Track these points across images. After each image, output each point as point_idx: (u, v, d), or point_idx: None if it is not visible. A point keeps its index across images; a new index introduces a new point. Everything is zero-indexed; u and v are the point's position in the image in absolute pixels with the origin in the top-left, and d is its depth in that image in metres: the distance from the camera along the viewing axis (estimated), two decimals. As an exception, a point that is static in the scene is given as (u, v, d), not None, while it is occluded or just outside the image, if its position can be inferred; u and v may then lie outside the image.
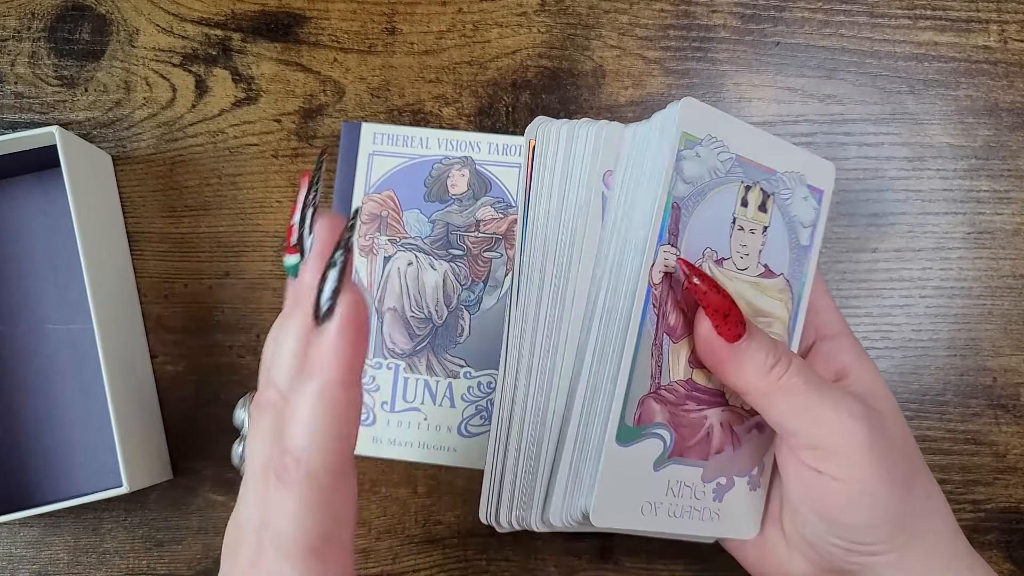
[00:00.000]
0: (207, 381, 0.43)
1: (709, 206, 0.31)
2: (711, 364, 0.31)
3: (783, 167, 0.33)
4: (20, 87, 0.44)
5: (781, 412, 0.30)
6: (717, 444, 0.33)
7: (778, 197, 0.33)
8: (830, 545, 0.31)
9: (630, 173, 0.32)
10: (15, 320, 0.43)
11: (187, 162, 0.44)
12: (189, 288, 0.44)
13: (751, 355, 0.30)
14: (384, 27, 0.45)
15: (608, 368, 0.30)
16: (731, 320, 0.29)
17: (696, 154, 0.31)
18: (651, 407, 0.31)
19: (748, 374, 0.30)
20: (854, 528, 0.30)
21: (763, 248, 0.33)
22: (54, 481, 0.42)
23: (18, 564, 0.43)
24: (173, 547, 0.43)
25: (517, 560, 0.43)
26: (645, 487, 0.31)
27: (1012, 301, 0.44)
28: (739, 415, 0.33)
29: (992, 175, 0.44)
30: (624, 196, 0.32)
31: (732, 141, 0.32)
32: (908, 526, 0.31)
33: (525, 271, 0.33)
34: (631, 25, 0.45)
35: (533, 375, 0.33)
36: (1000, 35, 0.45)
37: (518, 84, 0.44)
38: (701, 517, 0.32)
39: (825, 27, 0.45)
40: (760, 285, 0.33)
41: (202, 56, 0.44)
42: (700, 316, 0.30)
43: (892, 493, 0.30)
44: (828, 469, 0.30)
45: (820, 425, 0.30)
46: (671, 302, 0.31)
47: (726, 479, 0.33)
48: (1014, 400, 0.44)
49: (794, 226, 0.34)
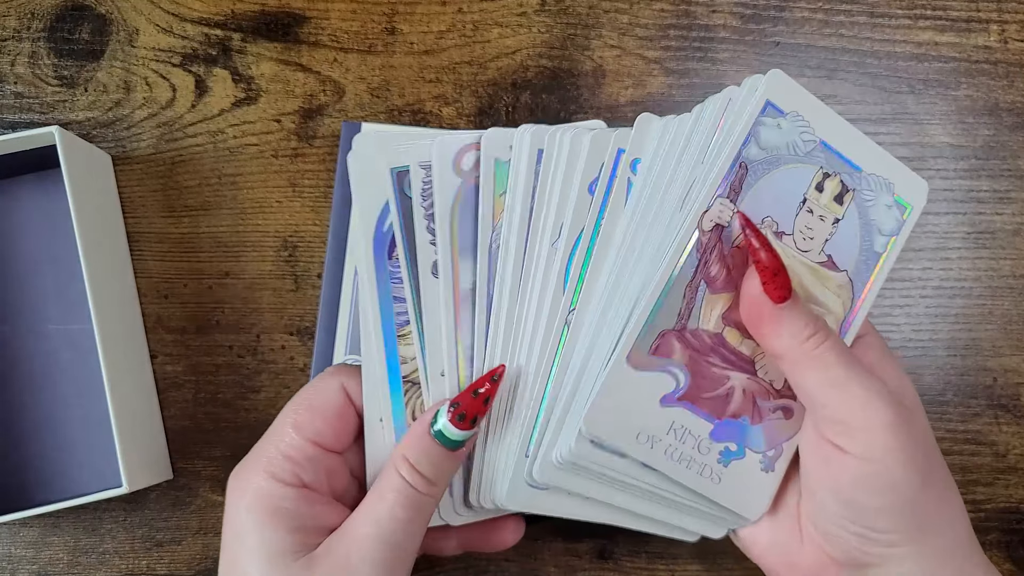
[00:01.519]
0: (207, 381, 0.43)
1: (780, 178, 0.32)
2: (752, 322, 0.31)
3: (871, 168, 0.33)
4: (20, 87, 0.44)
5: (812, 382, 0.30)
6: (735, 408, 0.32)
7: (859, 195, 0.33)
8: (847, 532, 0.31)
9: (690, 139, 0.32)
10: (15, 320, 0.43)
11: (187, 162, 0.44)
12: (189, 288, 0.44)
13: (792, 319, 0.30)
14: (384, 27, 0.45)
15: (635, 295, 0.31)
16: (779, 281, 0.30)
17: (777, 124, 0.31)
18: (671, 343, 0.31)
19: (786, 338, 0.30)
20: (870, 511, 0.30)
21: (830, 238, 0.33)
22: (54, 481, 0.42)
23: (18, 564, 0.43)
24: (173, 547, 0.43)
25: (517, 560, 0.43)
26: (647, 418, 0.31)
27: (1012, 301, 0.44)
28: (765, 390, 0.33)
29: (992, 175, 0.44)
30: (678, 155, 0.32)
31: (819, 126, 0.32)
32: (924, 522, 0.31)
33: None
34: (631, 25, 0.45)
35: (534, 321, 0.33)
36: (1000, 35, 0.45)
37: (518, 84, 0.44)
38: (700, 472, 0.32)
39: (825, 27, 0.45)
40: (819, 273, 0.33)
41: (202, 56, 0.44)
42: (749, 273, 0.31)
43: (910, 480, 0.30)
44: (850, 446, 0.30)
45: (848, 400, 0.30)
46: (716, 253, 0.31)
47: (736, 446, 0.33)
48: (1014, 400, 0.44)
49: (871, 229, 0.34)
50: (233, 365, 0.43)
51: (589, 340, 0.32)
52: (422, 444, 0.31)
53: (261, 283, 0.44)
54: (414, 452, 0.31)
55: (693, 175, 0.32)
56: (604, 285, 0.32)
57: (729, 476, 0.33)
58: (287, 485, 0.31)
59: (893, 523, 0.30)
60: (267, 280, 0.44)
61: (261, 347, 0.43)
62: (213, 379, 0.43)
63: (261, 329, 0.44)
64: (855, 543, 0.31)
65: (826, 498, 0.31)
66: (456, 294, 0.34)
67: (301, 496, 0.31)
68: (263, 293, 0.44)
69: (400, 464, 0.31)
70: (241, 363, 0.43)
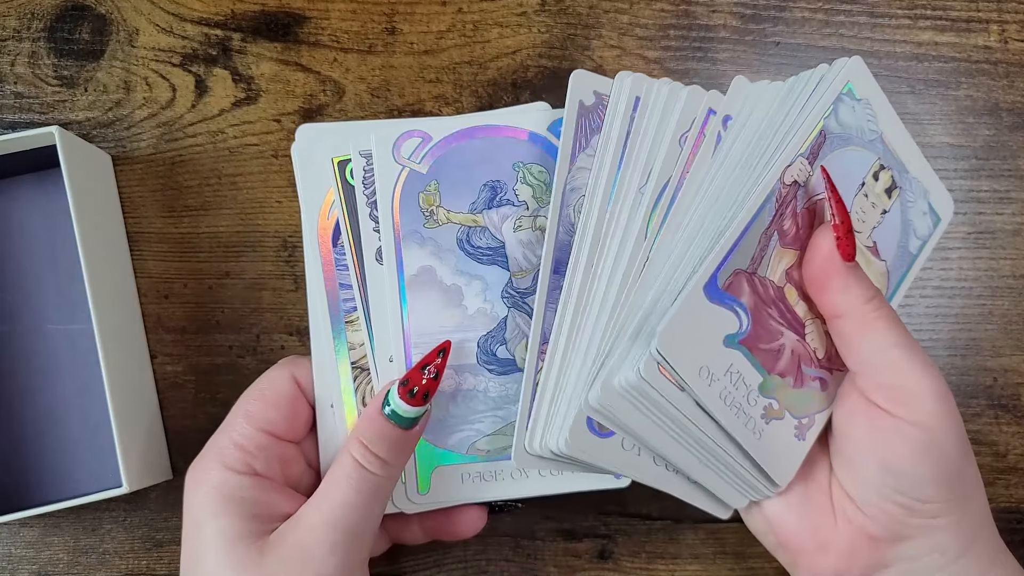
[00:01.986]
0: (207, 381, 0.43)
1: (848, 156, 0.33)
2: (818, 277, 0.31)
3: (915, 173, 0.35)
4: (20, 87, 0.44)
5: (868, 345, 0.31)
6: (782, 367, 0.33)
7: (904, 194, 0.35)
8: (890, 503, 0.31)
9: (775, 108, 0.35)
10: (14, 320, 0.43)
11: (187, 162, 0.44)
12: (189, 288, 0.44)
13: (858, 280, 0.31)
14: (384, 27, 0.45)
15: (718, 229, 0.31)
16: (851, 240, 0.31)
17: (852, 107, 0.33)
18: (742, 283, 0.31)
19: (851, 296, 0.31)
20: (919, 478, 0.30)
21: (877, 227, 0.34)
22: (54, 481, 0.42)
23: (18, 564, 0.43)
24: (173, 547, 0.43)
25: (517, 560, 0.43)
26: (710, 353, 0.31)
27: (1012, 301, 0.44)
28: (810, 357, 0.33)
29: (992, 175, 0.44)
30: (764, 120, 0.34)
31: (882, 119, 0.34)
32: (963, 493, 0.31)
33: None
34: (631, 25, 0.45)
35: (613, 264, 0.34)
36: (1000, 35, 0.45)
37: (518, 84, 0.44)
38: (745, 424, 0.32)
39: (825, 27, 0.45)
40: (866, 256, 0.34)
41: (202, 56, 0.44)
42: (823, 229, 0.31)
43: (958, 450, 0.30)
44: (901, 412, 0.30)
45: (901, 365, 0.30)
46: (791, 208, 0.32)
47: (779, 406, 0.33)
48: (1014, 400, 0.44)
49: (908, 229, 0.35)
50: (233, 365, 0.43)
51: (666, 271, 0.32)
52: (375, 425, 0.31)
53: (261, 283, 0.44)
54: (368, 434, 0.31)
55: (780, 134, 0.33)
56: (686, 224, 0.33)
57: (769, 435, 0.33)
58: (240, 474, 0.32)
59: (939, 492, 0.30)
60: (267, 280, 0.44)
61: (261, 347, 0.43)
62: (213, 379, 0.43)
63: (261, 329, 0.44)
64: (898, 514, 0.31)
65: (871, 468, 0.31)
66: (406, 279, 0.35)
67: (255, 484, 0.32)
68: (263, 293, 0.44)
69: (354, 447, 0.31)
70: (241, 363, 0.43)
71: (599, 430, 0.32)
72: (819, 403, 0.34)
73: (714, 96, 0.36)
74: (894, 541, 0.31)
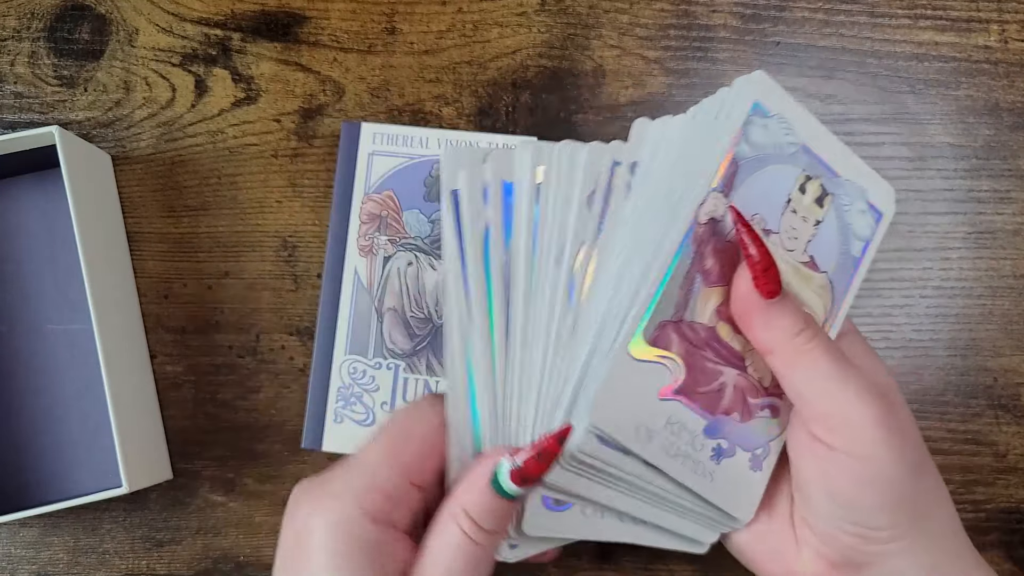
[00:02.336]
0: (206, 381, 0.43)
1: (767, 177, 0.32)
2: (742, 316, 0.31)
3: (846, 174, 0.34)
4: (20, 87, 0.44)
5: (800, 377, 0.30)
6: (726, 405, 0.32)
7: (837, 199, 0.34)
8: (844, 533, 0.31)
9: (681, 139, 0.33)
10: (14, 320, 0.43)
11: (187, 162, 0.44)
12: (189, 288, 0.44)
13: (782, 314, 0.30)
14: (384, 27, 0.45)
15: (636, 284, 0.31)
16: (770, 276, 0.30)
17: (764, 125, 0.32)
18: (669, 334, 0.31)
19: (776, 332, 0.30)
20: (865, 508, 0.30)
21: (812, 240, 0.33)
22: (54, 481, 0.42)
23: (17, 564, 0.43)
24: (173, 547, 0.43)
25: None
26: (645, 411, 0.30)
27: (1013, 301, 0.44)
28: (755, 388, 0.33)
29: (993, 175, 0.44)
30: (668, 159, 0.32)
31: (800, 128, 0.33)
32: (918, 515, 0.30)
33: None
34: (631, 25, 0.45)
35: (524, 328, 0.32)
36: (1001, 35, 0.45)
37: (518, 84, 0.44)
38: (695, 470, 0.32)
39: (825, 27, 0.45)
40: (802, 273, 0.33)
41: (202, 56, 0.44)
42: (741, 268, 0.31)
43: (903, 474, 0.30)
44: (839, 443, 0.30)
45: (836, 395, 0.30)
46: (711, 246, 0.31)
47: (728, 444, 0.32)
48: (1015, 400, 0.44)
49: (848, 233, 0.34)
50: (233, 365, 0.43)
51: (593, 333, 0.32)
52: (483, 499, 0.30)
53: (261, 283, 0.44)
54: (475, 507, 0.30)
55: (688, 173, 0.32)
56: (606, 283, 0.32)
57: (721, 474, 0.32)
58: (377, 523, 0.29)
59: (889, 519, 0.30)
60: (267, 280, 0.44)
61: (261, 347, 0.43)
62: (213, 379, 0.43)
63: (261, 329, 0.44)
64: (852, 543, 0.31)
65: (820, 499, 0.31)
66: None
67: (389, 537, 0.30)
68: (263, 293, 0.44)
69: (461, 519, 0.30)
70: (241, 363, 0.43)
71: (555, 505, 0.32)
72: (772, 430, 0.33)
73: (615, 147, 0.33)
74: (855, 567, 0.31)
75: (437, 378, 0.42)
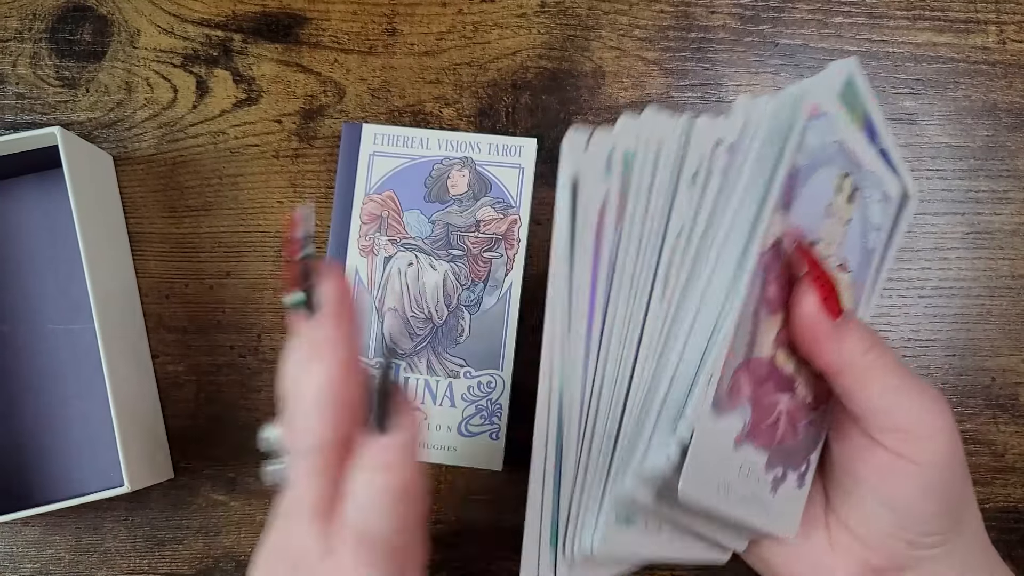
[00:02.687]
0: (208, 381, 0.44)
1: (814, 184, 0.29)
2: (809, 340, 0.30)
3: (867, 164, 0.31)
4: (22, 88, 0.44)
5: (875, 391, 0.30)
6: (781, 434, 0.31)
7: (862, 193, 0.32)
8: (893, 539, 0.30)
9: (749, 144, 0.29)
10: (16, 320, 0.43)
11: (188, 162, 0.44)
12: (190, 288, 0.44)
13: (854, 332, 0.29)
14: (384, 28, 0.45)
15: (709, 333, 0.28)
16: (836, 296, 0.29)
17: (816, 127, 0.29)
18: (740, 381, 0.29)
19: (850, 352, 0.29)
20: (923, 517, 0.30)
21: (842, 242, 0.31)
22: (55, 480, 0.42)
23: (19, 563, 0.43)
24: (174, 546, 0.43)
25: (518, 560, 0.43)
26: (723, 466, 0.29)
27: (1010, 301, 0.44)
28: (801, 407, 0.32)
29: (991, 175, 0.44)
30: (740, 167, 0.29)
31: (840, 125, 0.30)
32: (962, 519, 0.31)
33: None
34: (630, 26, 0.45)
35: (605, 370, 0.29)
36: (999, 36, 0.45)
37: (518, 85, 0.44)
38: (761, 508, 0.30)
39: (824, 28, 0.45)
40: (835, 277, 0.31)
41: (203, 57, 0.45)
42: (803, 290, 0.29)
43: (961, 481, 0.30)
44: (909, 452, 0.29)
45: (911, 408, 0.30)
46: (773, 272, 0.29)
47: (782, 471, 0.31)
48: (1012, 400, 0.44)
49: (867, 226, 0.32)
50: (234, 365, 0.44)
51: (675, 354, 0.29)
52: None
53: (262, 283, 0.44)
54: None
55: (748, 193, 0.28)
56: (693, 296, 0.29)
57: (775, 503, 0.31)
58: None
59: (940, 525, 0.30)
60: (268, 280, 0.44)
61: (262, 347, 0.44)
62: (214, 379, 0.44)
63: (262, 329, 0.44)
64: (900, 548, 0.30)
65: (874, 506, 0.31)
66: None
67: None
68: (264, 293, 0.44)
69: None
70: (242, 363, 0.44)
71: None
72: (813, 444, 0.33)
73: (720, 125, 0.29)
74: (894, 571, 0.31)
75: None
